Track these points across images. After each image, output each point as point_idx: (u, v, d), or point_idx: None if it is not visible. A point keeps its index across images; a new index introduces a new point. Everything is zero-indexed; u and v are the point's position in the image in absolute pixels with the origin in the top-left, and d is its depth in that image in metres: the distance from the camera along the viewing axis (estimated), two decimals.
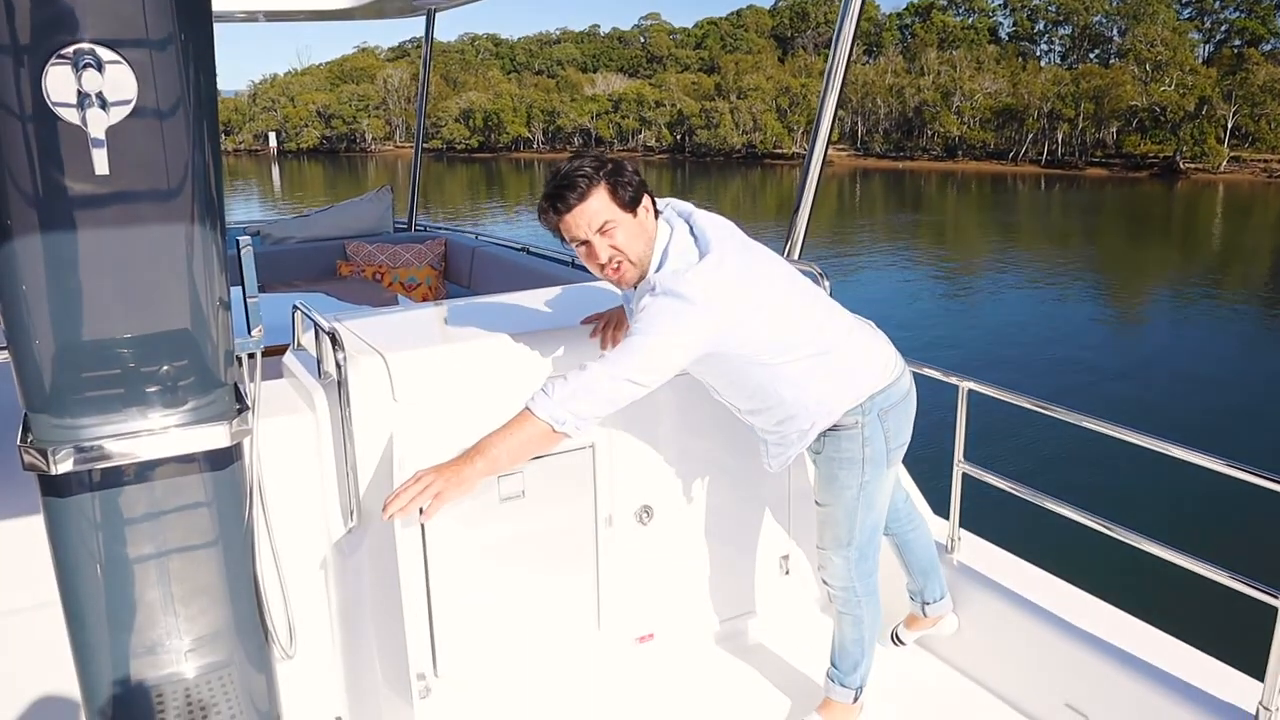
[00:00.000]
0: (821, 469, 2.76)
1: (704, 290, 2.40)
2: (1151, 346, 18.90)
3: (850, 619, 2.87)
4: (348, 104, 76.85)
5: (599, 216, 2.43)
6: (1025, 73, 61.29)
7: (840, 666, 2.92)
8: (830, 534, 2.81)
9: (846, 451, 2.69)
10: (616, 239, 2.44)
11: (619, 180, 2.44)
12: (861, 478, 2.71)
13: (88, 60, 1.62)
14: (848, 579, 2.83)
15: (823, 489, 2.78)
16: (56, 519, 1.94)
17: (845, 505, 2.75)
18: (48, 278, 1.76)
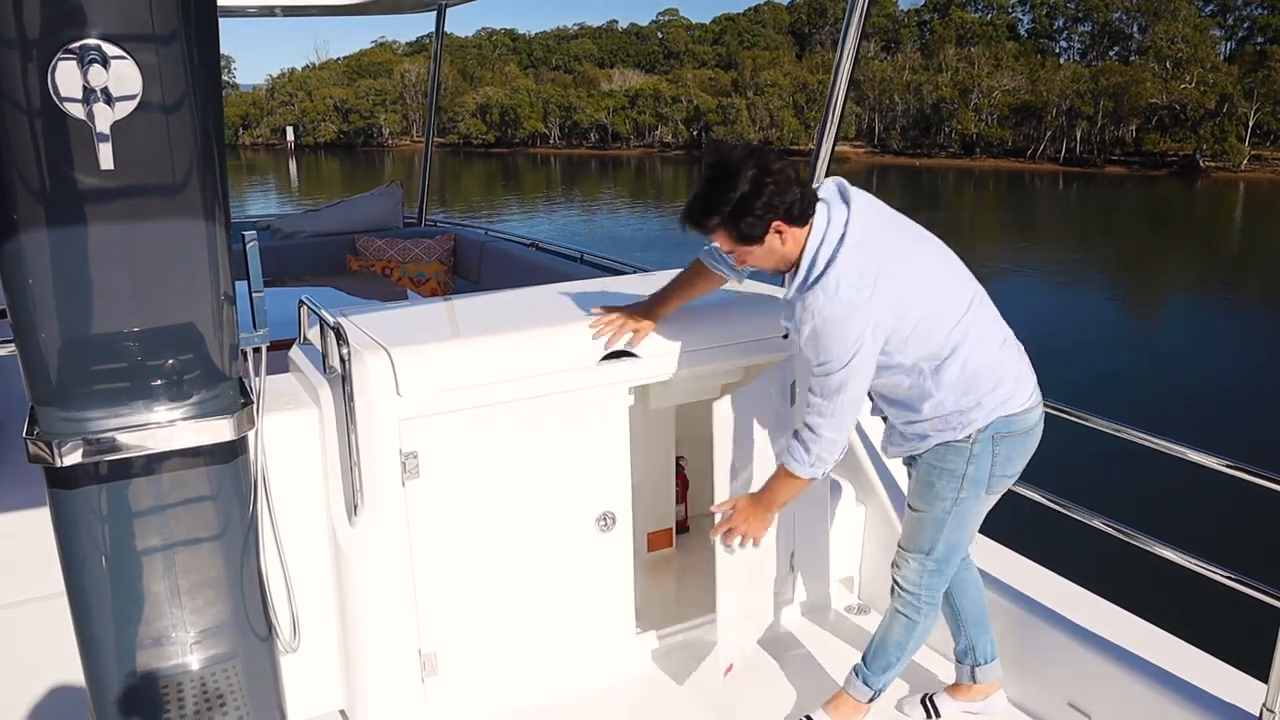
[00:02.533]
0: (920, 473, 2.73)
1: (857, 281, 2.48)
2: (1170, 346, 18.77)
3: (904, 621, 2.82)
4: (365, 98, 76.98)
5: (725, 248, 2.61)
6: (1044, 70, 60.91)
7: (871, 665, 2.88)
8: (914, 537, 2.78)
9: (950, 463, 2.65)
10: (747, 260, 2.63)
11: (738, 227, 2.51)
12: (958, 493, 2.67)
13: (93, 56, 1.64)
14: (918, 584, 2.79)
15: (918, 493, 2.75)
16: (62, 511, 1.96)
17: (935, 515, 2.71)
18: (54, 271, 1.78)
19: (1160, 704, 2.59)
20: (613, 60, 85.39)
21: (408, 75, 75.52)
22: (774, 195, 2.47)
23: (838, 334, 2.48)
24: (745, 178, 2.47)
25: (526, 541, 2.92)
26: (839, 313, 2.47)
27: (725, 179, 2.49)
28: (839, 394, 2.53)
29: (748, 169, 2.47)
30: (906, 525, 2.82)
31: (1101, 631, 2.81)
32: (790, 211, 2.51)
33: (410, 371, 2.65)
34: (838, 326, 2.47)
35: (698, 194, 2.56)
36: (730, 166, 2.49)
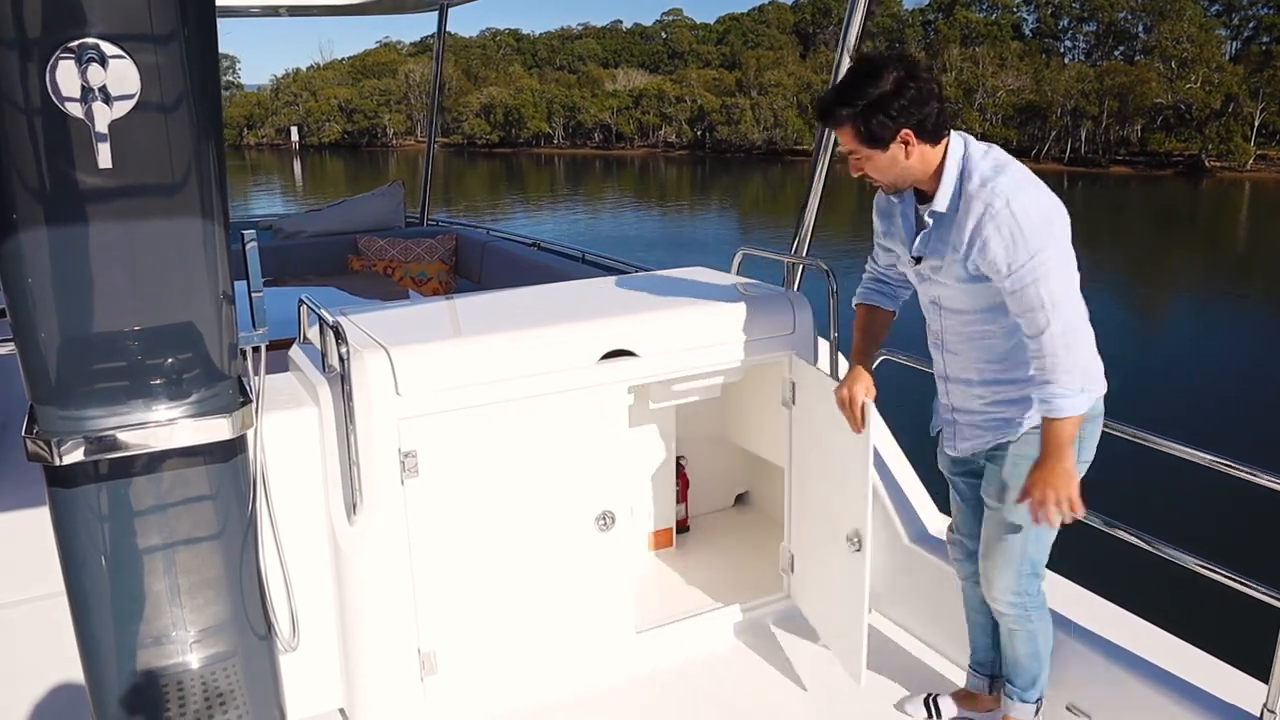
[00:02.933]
0: (1008, 467, 2.57)
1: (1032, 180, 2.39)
2: (1175, 346, 18.72)
3: (1023, 635, 2.71)
4: (369, 99, 77.00)
5: (846, 146, 2.48)
6: (1049, 69, 60.76)
7: (1018, 682, 2.79)
8: (1006, 548, 2.63)
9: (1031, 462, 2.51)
10: (864, 166, 2.48)
11: (867, 124, 2.38)
12: None
13: (91, 55, 1.64)
14: (1020, 594, 2.67)
15: (1009, 490, 2.57)
16: (61, 510, 1.96)
17: (1020, 517, 2.57)
18: (53, 270, 1.78)
19: (1160, 705, 2.58)
20: (617, 60, 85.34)
21: (412, 75, 75.52)
22: (913, 101, 2.37)
23: (1033, 207, 2.32)
24: (889, 78, 2.36)
25: (526, 541, 2.92)
26: (1033, 197, 2.34)
27: (868, 75, 2.39)
28: (1067, 286, 2.34)
29: (893, 70, 2.37)
30: (993, 537, 2.65)
31: (1101, 632, 2.81)
32: (924, 125, 2.40)
33: (409, 371, 2.65)
34: (1036, 209, 2.33)
35: (839, 83, 2.46)
36: (876, 64, 2.40)
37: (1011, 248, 2.32)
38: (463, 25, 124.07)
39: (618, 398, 2.95)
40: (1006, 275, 2.33)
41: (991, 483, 2.64)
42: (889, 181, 2.50)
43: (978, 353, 2.58)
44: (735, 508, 4.04)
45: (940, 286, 2.56)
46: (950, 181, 2.43)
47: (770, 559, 3.43)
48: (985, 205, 2.34)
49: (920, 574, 3.30)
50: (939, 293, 2.59)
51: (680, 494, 3.85)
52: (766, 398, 3.41)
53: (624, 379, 2.95)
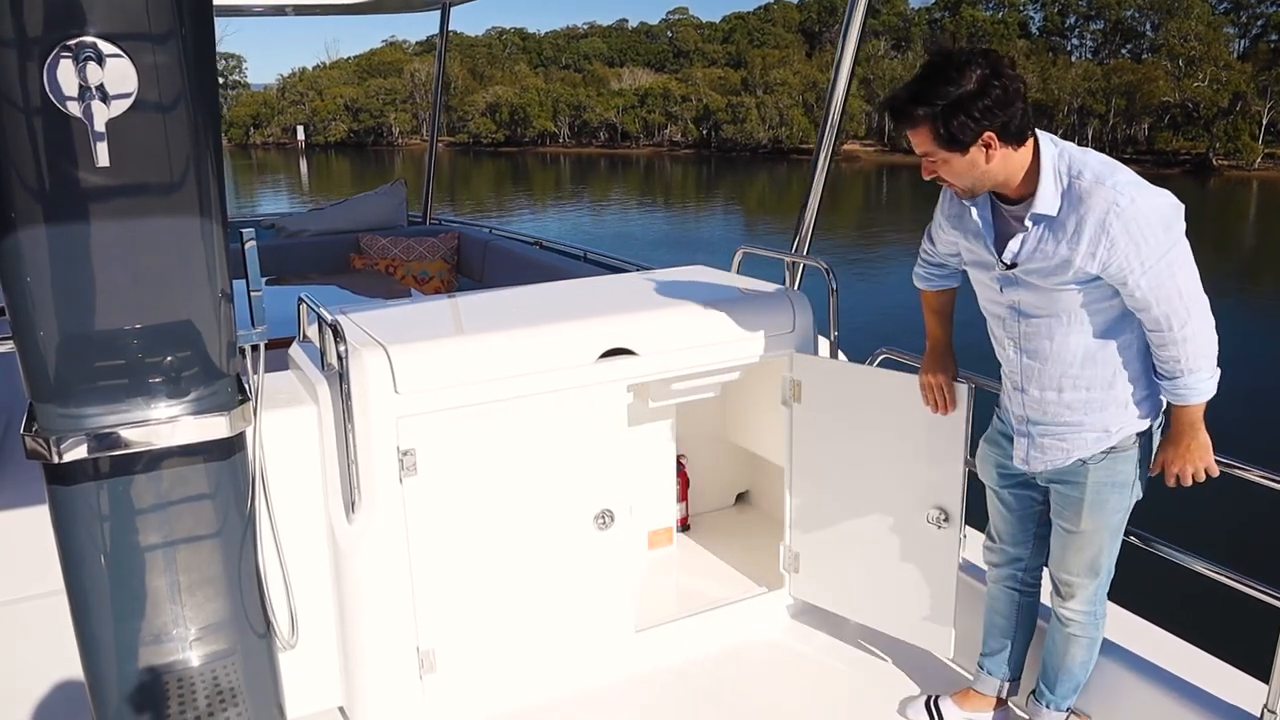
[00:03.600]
0: (1088, 496, 2.53)
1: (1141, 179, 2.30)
2: None
3: (1085, 642, 2.69)
4: (375, 98, 77.09)
5: (921, 149, 2.35)
6: (1055, 68, 60.59)
7: (1058, 690, 2.76)
8: (1083, 561, 2.60)
9: (1121, 475, 2.50)
10: (939, 170, 2.37)
11: (948, 126, 2.26)
12: (1128, 501, 2.56)
13: (89, 54, 1.65)
14: (1092, 605, 2.66)
15: (1087, 514, 2.54)
16: (61, 508, 1.96)
17: (1109, 531, 2.56)
18: (51, 269, 1.79)
19: (1161, 705, 2.58)
20: (622, 59, 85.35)
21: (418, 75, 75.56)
22: (997, 102, 2.24)
23: (1164, 213, 2.26)
24: (972, 75, 2.23)
25: (525, 539, 2.92)
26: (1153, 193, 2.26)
27: (948, 70, 2.25)
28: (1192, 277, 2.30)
29: (976, 67, 2.24)
30: (1069, 550, 2.62)
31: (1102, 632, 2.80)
32: (1008, 126, 2.27)
33: (407, 369, 2.65)
34: (1160, 205, 2.26)
35: (915, 79, 2.32)
36: (957, 60, 2.26)
37: (1144, 245, 2.24)
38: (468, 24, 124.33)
39: (617, 396, 2.95)
40: (1142, 273, 2.25)
41: (1069, 508, 2.58)
42: (966, 186, 2.39)
43: (1066, 357, 2.46)
44: (735, 506, 4.03)
45: (1032, 291, 2.44)
46: (1051, 182, 2.31)
47: (771, 558, 3.43)
48: (1110, 204, 2.24)
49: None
50: (1027, 298, 2.46)
51: (680, 493, 3.85)
52: (767, 397, 3.41)
53: (623, 378, 2.95)
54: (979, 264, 2.56)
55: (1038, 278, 2.39)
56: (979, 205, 2.47)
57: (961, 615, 3.07)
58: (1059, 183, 2.31)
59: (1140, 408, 2.47)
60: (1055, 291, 2.38)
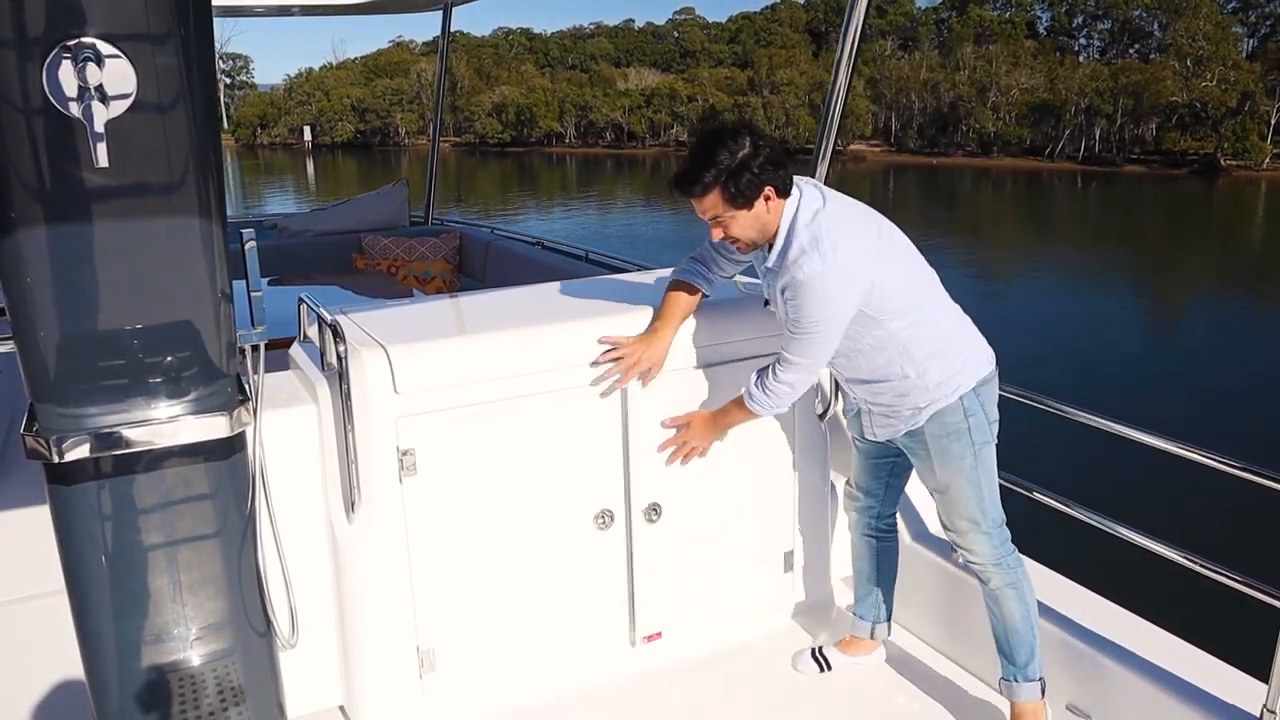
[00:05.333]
0: (932, 449, 2.76)
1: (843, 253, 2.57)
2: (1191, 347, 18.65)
3: (1013, 592, 2.78)
4: (382, 98, 77.17)
5: (711, 212, 2.63)
6: (1063, 68, 60.46)
7: (1017, 659, 2.79)
8: (960, 515, 2.78)
9: (952, 425, 2.72)
10: (729, 229, 2.65)
11: (736, 185, 2.56)
12: (973, 447, 2.73)
13: (88, 55, 1.65)
14: (996, 554, 2.78)
15: (938, 469, 2.78)
16: (61, 507, 1.98)
17: (966, 477, 2.74)
18: (52, 269, 1.80)
19: (1161, 704, 2.57)
20: (629, 59, 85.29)
21: (424, 75, 75.58)
22: (769, 159, 2.58)
23: (821, 292, 2.57)
24: (744, 141, 2.56)
25: (524, 539, 2.93)
26: (824, 271, 2.56)
27: (725, 138, 2.57)
28: (814, 350, 2.65)
29: (745, 134, 2.58)
30: (946, 511, 2.83)
31: (1102, 631, 2.80)
32: (782, 181, 2.62)
33: (407, 369, 2.66)
34: (822, 284, 2.56)
35: (694, 153, 2.61)
36: (729, 128, 2.59)
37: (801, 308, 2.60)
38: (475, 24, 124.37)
39: (615, 397, 2.96)
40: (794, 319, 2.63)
41: (922, 468, 2.85)
42: (750, 239, 2.68)
43: (858, 366, 2.79)
44: None
45: None
46: (781, 240, 2.65)
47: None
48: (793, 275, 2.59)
49: (919, 573, 3.30)
50: None
51: None
52: None
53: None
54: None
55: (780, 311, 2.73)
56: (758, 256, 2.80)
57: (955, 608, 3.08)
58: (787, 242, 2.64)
59: (942, 389, 2.70)
60: None
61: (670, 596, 3.19)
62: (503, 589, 2.93)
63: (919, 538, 3.34)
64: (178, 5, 1.73)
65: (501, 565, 2.91)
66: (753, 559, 3.34)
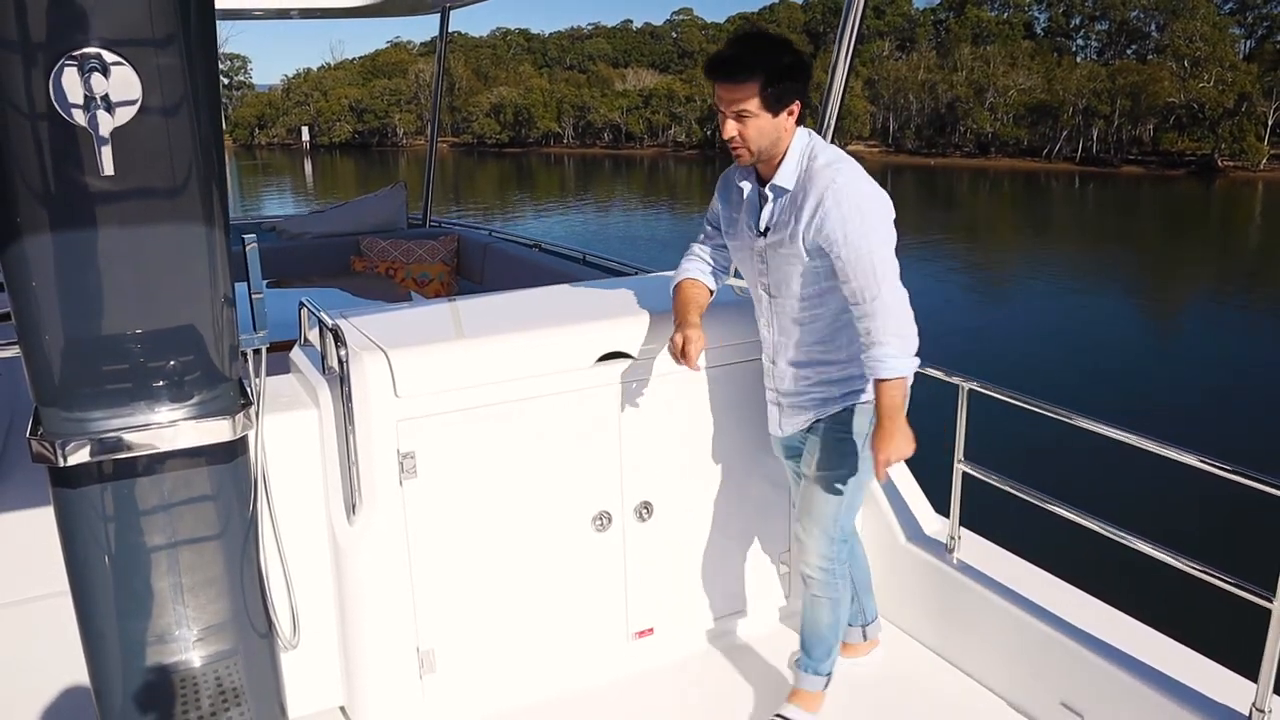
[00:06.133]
0: (825, 441, 2.76)
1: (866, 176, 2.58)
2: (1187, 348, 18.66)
3: (828, 603, 2.86)
4: (379, 98, 77.18)
5: (740, 105, 2.53)
6: (1060, 68, 60.56)
7: (813, 654, 2.91)
8: (818, 515, 2.79)
9: (857, 426, 2.73)
10: (747, 129, 2.56)
11: (778, 85, 2.51)
12: (861, 455, 2.74)
13: (94, 64, 1.67)
14: (830, 561, 2.82)
15: (824, 463, 2.77)
16: (66, 510, 1.99)
17: (842, 483, 2.76)
18: (56, 274, 1.81)
19: (1152, 703, 2.60)
20: (627, 60, 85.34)
21: (422, 75, 75.62)
22: (806, 79, 2.57)
23: (873, 195, 2.54)
24: (793, 48, 2.55)
25: (523, 540, 2.95)
26: (863, 175, 2.55)
27: (776, 41, 2.55)
28: (888, 260, 2.54)
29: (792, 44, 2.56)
30: (809, 503, 2.81)
31: (1095, 631, 2.83)
32: (806, 100, 2.60)
33: (407, 373, 2.68)
34: (869, 186, 2.54)
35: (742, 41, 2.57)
36: (779, 35, 2.59)
37: (850, 220, 2.51)
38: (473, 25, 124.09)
39: (614, 399, 2.98)
40: (844, 244, 2.51)
41: (811, 454, 2.82)
42: (760, 148, 2.60)
43: (804, 335, 2.74)
44: None
45: (778, 266, 2.69)
46: (794, 160, 2.61)
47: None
48: (829, 181, 2.52)
49: (916, 574, 3.32)
50: (775, 274, 2.71)
51: None
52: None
53: (620, 381, 2.98)
54: (743, 242, 2.79)
55: (782, 249, 2.64)
56: (746, 182, 2.74)
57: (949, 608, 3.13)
58: (801, 164, 2.60)
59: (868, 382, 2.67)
60: (793, 265, 2.64)
61: (662, 593, 3.21)
62: (501, 590, 2.95)
63: (913, 538, 3.37)
64: (181, 11, 1.75)
65: (500, 567, 2.93)
66: (746, 556, 3.36)
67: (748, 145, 2.58)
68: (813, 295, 2.67)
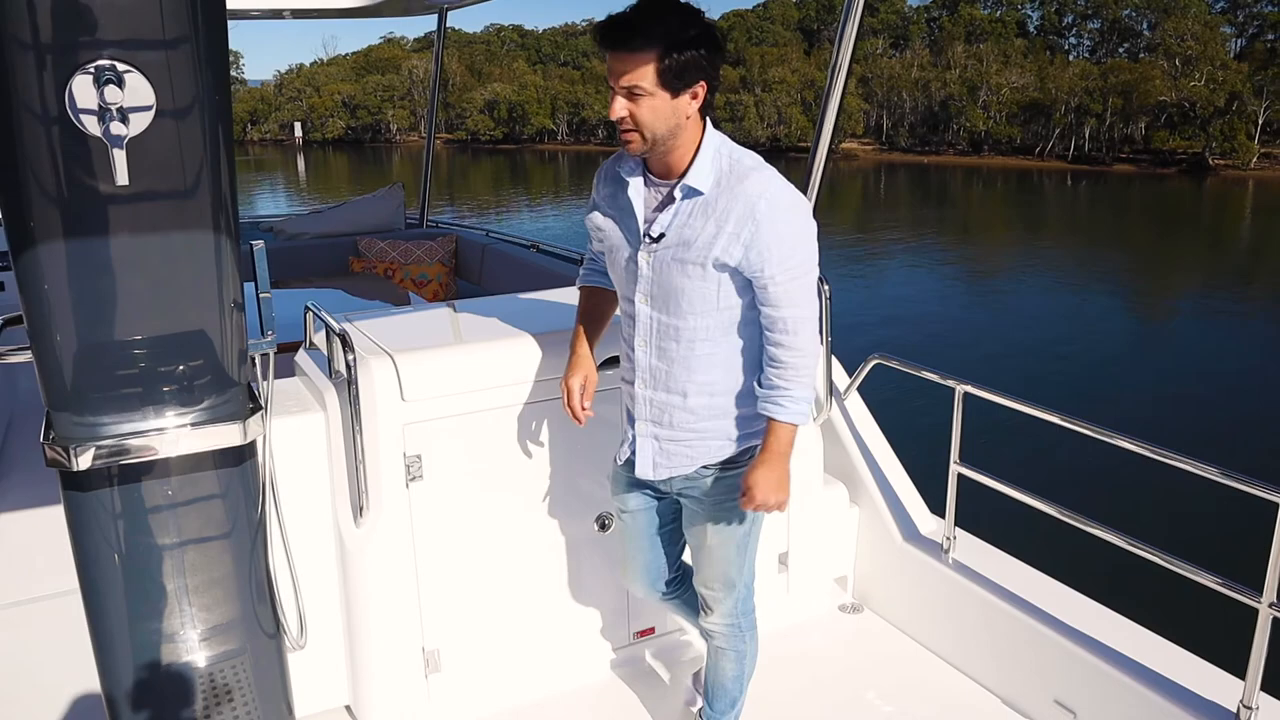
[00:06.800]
0: (707, 507, 2.48)
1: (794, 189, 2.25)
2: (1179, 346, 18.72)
3: (732, 655, 2.70)
4: (373, 94, 76.96)
5: (632, 79, 2.13)
6: (1053, 67, 60.71)
7: (715, 705, 2.78)
8: (717, 576, 2.56)
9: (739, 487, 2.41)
10: (639, 109, 2.16)
11: (678, 58, 2.10)
12: (752, 514, 2.49)
13: (107, 73, 1.69)
14: (734, 616, 2.64)
15: (711, 530, 2.49)
16: (77, 513, 2.01)
17: (737, 543, 2.52)
18: (69, 279, 1.83)
19: (1143, 700, 2.65)
20: None
21: (415, 71, 75.48)
22: (716, 56, 2.16)
23: (800, 208, 2.21)
24: (701, 20, 2.13)
25: (527, 541, 2.98)
26: (799, 203, 2.21)
27: (682, 8, 2.13)
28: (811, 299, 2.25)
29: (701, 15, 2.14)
30: (712, 563, 2.55)
31: (1088, 630, 2.87)
32: (714, 87, 2.20)
33: (414, 377, 2.71)
34: (810, 220, 2.22)
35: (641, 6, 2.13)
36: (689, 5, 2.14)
37: (787, 240, 2.19)
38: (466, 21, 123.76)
39: (618, 401, 3.01)
40: (780, 267, 2.19)
41: (696, 522, 2.53)
42: (655, 135, 2.18)
43: (696, 362, 2.35)
44: None
45: (671, 279, 2.29)
46: (710, 158, 2.23)
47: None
48: (762, 191, 2.17)
49: (912, 574, 3.36)
50: (663, 287, 2.31)
51: None
52: None
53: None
54: (623, 245, 2.39)
55: (681, 253, 2.24)
56: (635, 177, 2.33)
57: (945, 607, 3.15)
58: (718, 163, 2.23)
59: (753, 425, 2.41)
60: (692, 280, 2.25)
61: None
62: (506, 590, 2.99)
63: (910, 538, 3.41)
64: (193, 18, 1.77)
65: (505, 567, 2.97)
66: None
67: (640, 130, 2.17)
68: (710, 316, 2.30)
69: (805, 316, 2.24)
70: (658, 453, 2.47)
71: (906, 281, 23.97)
